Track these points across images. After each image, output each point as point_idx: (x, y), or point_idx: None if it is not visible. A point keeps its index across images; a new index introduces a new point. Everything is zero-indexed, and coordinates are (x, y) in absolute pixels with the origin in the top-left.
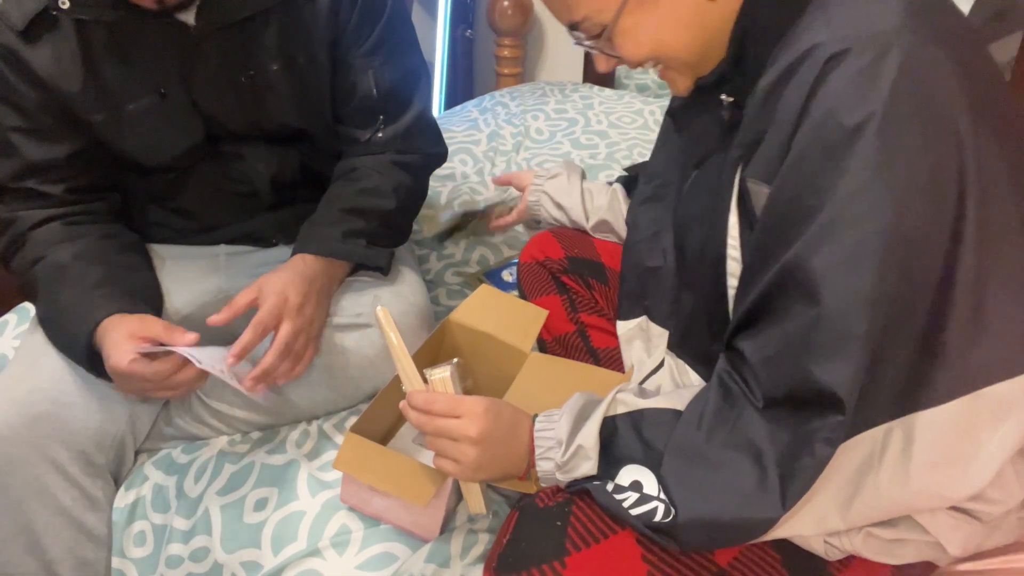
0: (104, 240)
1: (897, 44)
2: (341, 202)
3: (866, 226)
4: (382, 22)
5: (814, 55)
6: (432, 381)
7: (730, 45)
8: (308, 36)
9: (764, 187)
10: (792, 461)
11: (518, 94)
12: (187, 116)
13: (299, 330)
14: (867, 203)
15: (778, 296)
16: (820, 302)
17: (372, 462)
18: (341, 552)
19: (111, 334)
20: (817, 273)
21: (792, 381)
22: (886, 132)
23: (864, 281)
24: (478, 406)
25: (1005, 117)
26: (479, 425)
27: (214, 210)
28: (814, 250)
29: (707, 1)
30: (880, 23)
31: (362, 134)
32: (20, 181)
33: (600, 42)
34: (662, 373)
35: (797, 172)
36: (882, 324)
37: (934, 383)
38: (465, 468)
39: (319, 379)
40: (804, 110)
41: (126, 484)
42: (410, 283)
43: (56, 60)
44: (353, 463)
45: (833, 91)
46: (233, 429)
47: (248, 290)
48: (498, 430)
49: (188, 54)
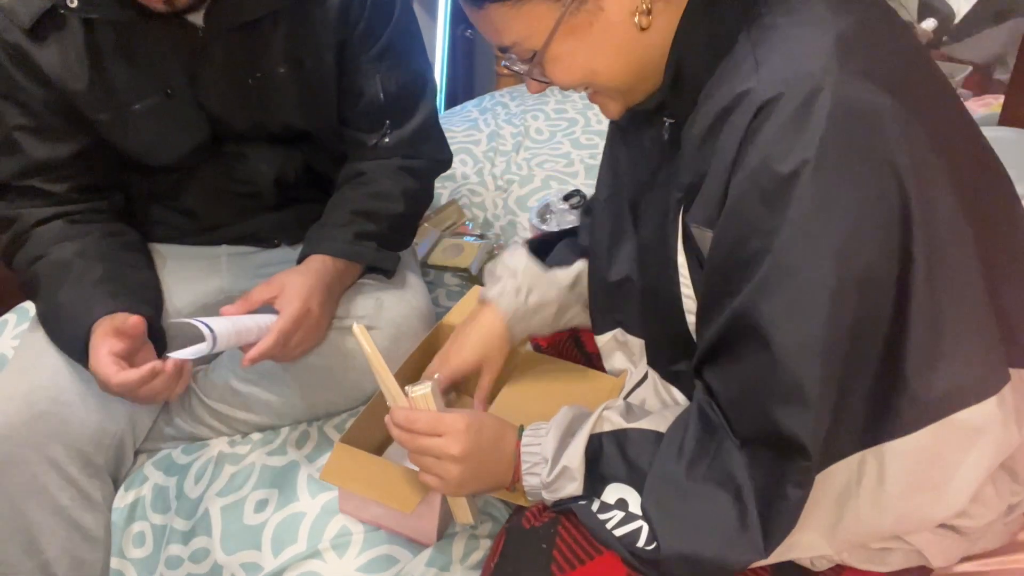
0: (107, 238)
1: (827, 85)
2: (351, 205)
3: (811, 273)
4: (390, 27)
5: (746, 101)
6: (413, 398)
7: (666, 73)
8: (316, 39)
9: (707, 231)
10: (770, 501)
11: (518, 94)
12: (193, 116)
13: (307, 339)
14: (809, 249)
15: (733, 339)
16: (771, 349)
17: (359, 471)
18: (341, 554)
19: (96, 333)
20: (765, 320)
21: (757, 423)
22: (821, 177)
23: (814, 327)
24: (460, 423)
25: (950, 133)
26: (461, 443)
27: (217, 210)
28: (761, 297)
29: (639, 31)
30: (809, 63)
31: (368, 138)
32: (24, 179)
33: (531, 67)
34: (646, 385)
35: (737, 218)
36: (838, 367)
37: (900, 413)
38: (449, 484)
39: (321, 380)
40: (738, 157)
41: (126, 484)
42: (412, 286)
43: (63, 59)
44: (340, 473)
45: (766, 139)
46: (233, 430)
47: (268, 286)
48: (481, 446)
49: (195, 55)
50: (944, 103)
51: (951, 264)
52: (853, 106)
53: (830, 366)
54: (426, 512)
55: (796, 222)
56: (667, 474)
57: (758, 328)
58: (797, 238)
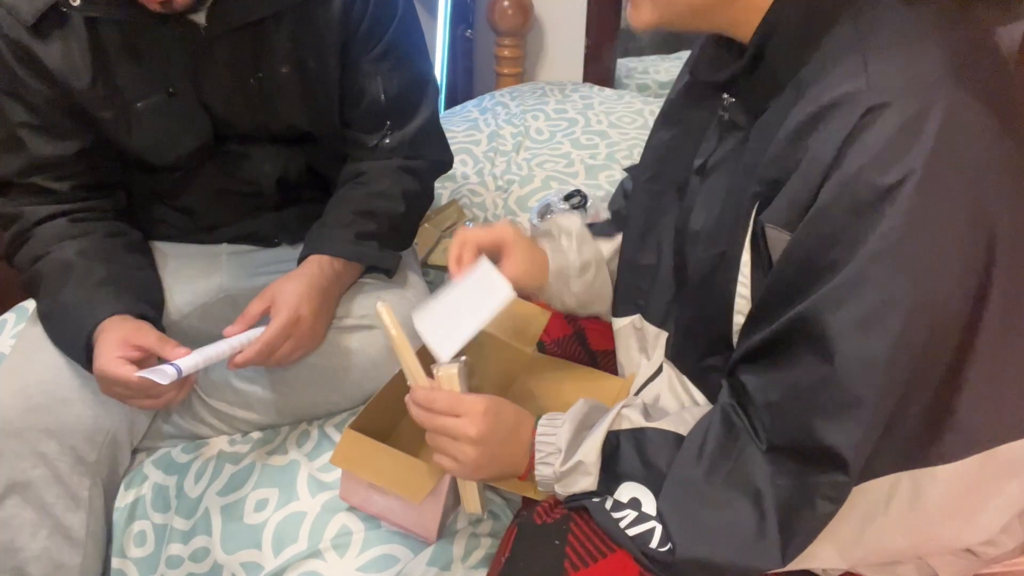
0: (109, 238)
1: (940, 99)
2: (352, 204)
3: (890, 289)
4: (392, 28)
5: (852, 103)
6: (438, 377)
7: (750, 43)
8: (319, 40)
9: (784, 233)
10: (792, 511)
11: (518, 94)
12: (195, 116)
13: (300, 346)
14: (894, 266)
15: (788, 343)
16: (833, 361)
17: (369, 458)
18: (342, 554)
19: (106, 335)
20: (833, 330)
21: (797, 433)
22: (921, 195)
23: (882, 345)
24: (479, 405)
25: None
26: (479, 425)
27: (218, 209)
28: (833, 306)
29: None
30: (923, 73)
31: (369, 139)
32: (27, 177)
33: None
34: (660, 380)
35: (823, 224)
36: (896, 390)
37: (943, 441)
38: (464, 467)
39: (321, 380)
40: (836, 161)
41: (125, 483)
42: (413, 285)
43: (66, 56)
44: (350, 459)
45: (869, 146)
46: (233, 429)
47: (261, 299)
48: (498, 430)
49: (198, 54)
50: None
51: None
52: (964, 126)
53: (889, 388)
54: (431, 506)
55: (886, 237)
56: (686, 477)
57: (821, 337)
58: (883, 253)
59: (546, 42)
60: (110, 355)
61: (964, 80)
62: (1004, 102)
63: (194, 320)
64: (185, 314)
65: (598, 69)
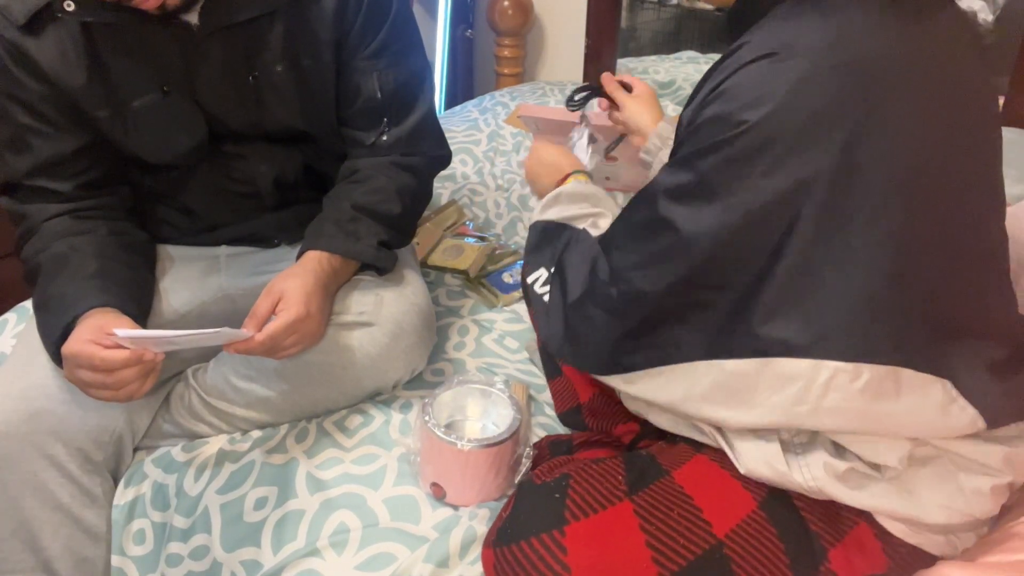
0: (109, 236)
1: (804, 58)
2: (350, 202)
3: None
4: (387, 25)
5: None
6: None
7: None
8: (313, 38)
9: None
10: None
11: (518, 94)
12: (190, 115)
13: (303, 340)
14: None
15: None
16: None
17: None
18: (340, 552)
19: (84, 323)
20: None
21: None
22: (766, 129)
23: (715, 211)
24: None
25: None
26: None
27: (216, 209)
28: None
29: None
30: (807, 38)
31: (366, 137)
32: (32, 179)
33: None
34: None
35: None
36: (713, 256)
37: (736, 339)
38: None
39: (321, 377)
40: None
41: (125, 481)
42: (412, 283)
43: (60, 55)
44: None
45: (737, 83)
46: (233, 427)
47: (267, 296)
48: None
49: (192, 53)
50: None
51: (845, 233)
52: (821, 82)
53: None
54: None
55: (733, 158)
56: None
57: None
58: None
59: (546, 42)
60: (81, 337)
61: (841, 54)
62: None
63: (193, 320)
64: (182, 314)
65: (598, 69)
